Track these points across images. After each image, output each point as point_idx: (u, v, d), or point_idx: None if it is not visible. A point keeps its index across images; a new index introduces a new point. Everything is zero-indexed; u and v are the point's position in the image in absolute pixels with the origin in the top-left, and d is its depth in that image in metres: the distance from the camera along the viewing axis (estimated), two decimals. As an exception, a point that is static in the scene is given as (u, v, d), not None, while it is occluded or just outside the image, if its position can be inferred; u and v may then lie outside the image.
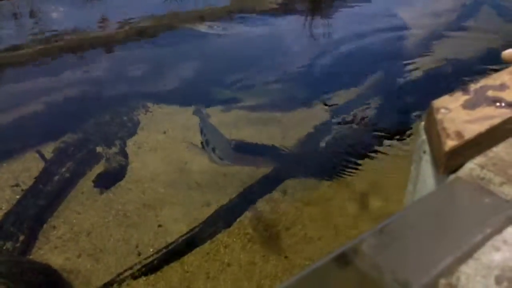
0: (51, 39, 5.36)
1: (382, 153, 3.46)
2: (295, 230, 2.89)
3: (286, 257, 2.72)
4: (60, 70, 4.77)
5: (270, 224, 2.93)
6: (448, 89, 0.89)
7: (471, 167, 0.76)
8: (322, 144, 3.58)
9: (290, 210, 3.01)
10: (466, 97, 0.85)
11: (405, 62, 4.68)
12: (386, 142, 3.56)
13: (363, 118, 3.81)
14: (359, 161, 3.39)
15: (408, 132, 3.65)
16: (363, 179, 3.24)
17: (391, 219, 0.66)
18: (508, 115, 0.80)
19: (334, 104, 4.04)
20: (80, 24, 5.65)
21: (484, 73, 4.05)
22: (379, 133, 3.65)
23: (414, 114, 3.87)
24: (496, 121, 0.79)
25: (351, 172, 3.30)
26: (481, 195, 0.70)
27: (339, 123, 3.80)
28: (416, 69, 4.55)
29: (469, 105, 0.83)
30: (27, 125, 3.96)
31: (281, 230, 2.89)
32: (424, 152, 0.85)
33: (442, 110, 0.81)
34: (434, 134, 0.79)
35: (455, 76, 4.35)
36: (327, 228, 2.88)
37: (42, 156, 3.51)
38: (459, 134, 0.76)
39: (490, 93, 0.86)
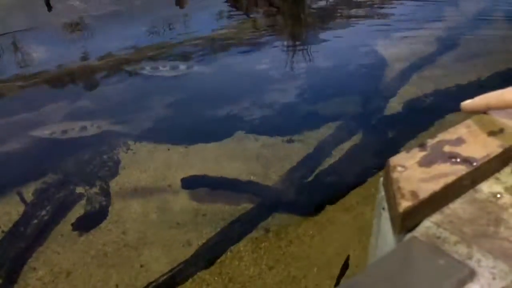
0: (32, 75, 5.34)
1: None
2: (278, 269, 2.86)
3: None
4: (41, 106, 4.74)
5: (252, 263, 2.90)
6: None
7: (427, 225, 0.75)
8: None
9: (273, 248, 2.99)
10: (422, 153, 0.85)
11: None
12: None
13: None
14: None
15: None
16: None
17: (345, 285, 0.66)
18: (463, 172, 0.80)
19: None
20: (61, 60, 5.64)
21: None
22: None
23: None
24: (451, 178, 0.79)
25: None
26: (436, 256, 0.70)
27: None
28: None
29: (425, 162, 0.82)
30: (8, 163, 3.91)
31: (264, 269, 2.86)
32: (383, 209, 0.84)
33: (398, 168, 0.81)
34: (391, 194, 0.79)
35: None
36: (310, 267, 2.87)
37: (22, 198, 3.47)
38: (414, 194, 0.76)
39: (446, 148, 0.86)
